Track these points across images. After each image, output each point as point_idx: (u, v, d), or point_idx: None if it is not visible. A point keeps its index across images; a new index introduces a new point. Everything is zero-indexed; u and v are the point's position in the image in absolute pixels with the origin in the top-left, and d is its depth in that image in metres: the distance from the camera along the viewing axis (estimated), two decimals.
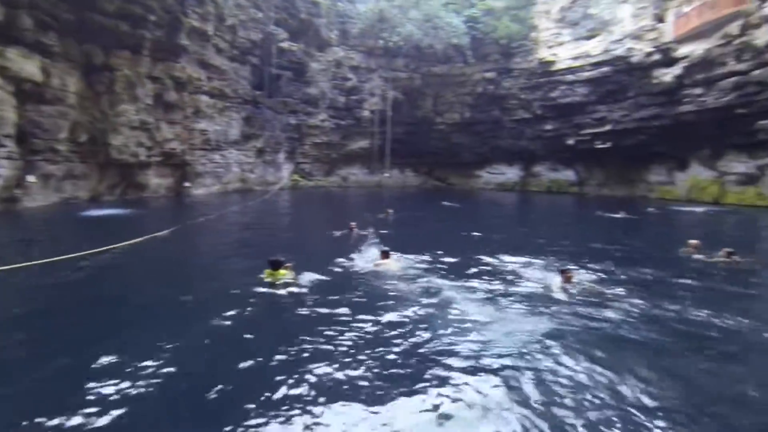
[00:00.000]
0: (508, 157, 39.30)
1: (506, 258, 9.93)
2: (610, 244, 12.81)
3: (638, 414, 3.80)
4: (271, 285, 7.21)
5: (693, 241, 10.99)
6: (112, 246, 9.76)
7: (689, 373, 4.71)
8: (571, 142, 34.38)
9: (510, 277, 8.37)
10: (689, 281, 8.60)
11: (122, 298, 7.04)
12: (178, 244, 11.62)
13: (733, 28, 23.37)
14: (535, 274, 8.57)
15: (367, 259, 9.36)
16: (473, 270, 8.88)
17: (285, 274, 7.40)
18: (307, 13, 31.79)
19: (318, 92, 33.51)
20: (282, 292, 7.05)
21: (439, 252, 10.31)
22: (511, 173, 40.16)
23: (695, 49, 25.62)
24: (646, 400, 4.02)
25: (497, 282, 8.01)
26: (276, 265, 7.40)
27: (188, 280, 8.60)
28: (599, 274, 8.75)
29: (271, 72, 30.81)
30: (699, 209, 23.98)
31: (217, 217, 16.22)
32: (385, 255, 8.85)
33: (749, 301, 7.90)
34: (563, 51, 32.47)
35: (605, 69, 30.48)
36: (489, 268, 9.21)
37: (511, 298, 7.03)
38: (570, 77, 32.45)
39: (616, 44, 29.52)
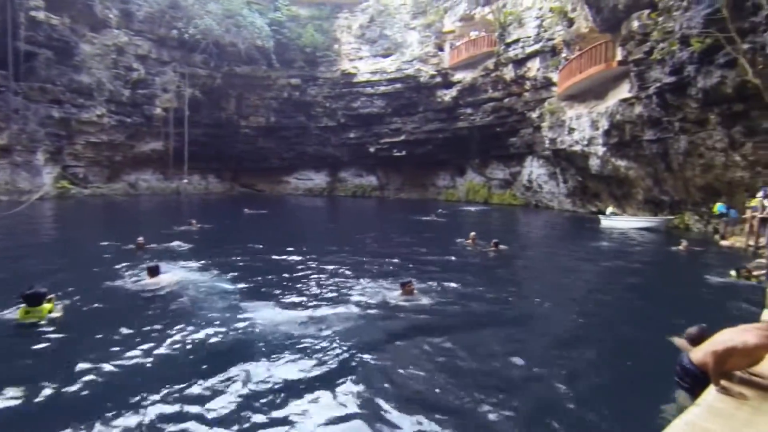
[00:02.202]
0: (316, 163, 40.18)
1: (328, 267, 9.81)
2: (420, 244, 14.21)
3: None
4: (30, 326, 5.39)
5: (472, 234, 13.11)
6: None
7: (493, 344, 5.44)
8: (372, 149, 37.32)
9: (337, 289, 8.15)
10: (473, 267, 10.13)
11: None
12: None
13: (490, 63, 29.06)
14: (367, 285, 8.17)
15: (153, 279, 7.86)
16: (289, 283, 8.46)
17: (47, 310, 5.62)
18: None
19: (92, 81, 27.58)
20: (46, 332, 5.32)
21: (249, 263, 9.56)
22: (318, 179, 41.16)
23: (465, 77, 30.92)
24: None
25: (313, 296, 7.70)
26: (33, 300, 5.55)
27: None
28: (423, 277, 9.49)
29: (19, 48, 24.03)
30: (474, 208, 29.04)
31: None
32: (152, 272, 7.41)
33: (515, 279, 9.82)
34: (363, 65, 34.97)
35: (398, 86, 34.11)
36: (303, 277, 8.94)
37: (343, 311, 6.53)
38: (369, 90, 35.19)
39: (407, 65, 33.32)
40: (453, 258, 11.23)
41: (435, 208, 26.52)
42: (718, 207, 15.52)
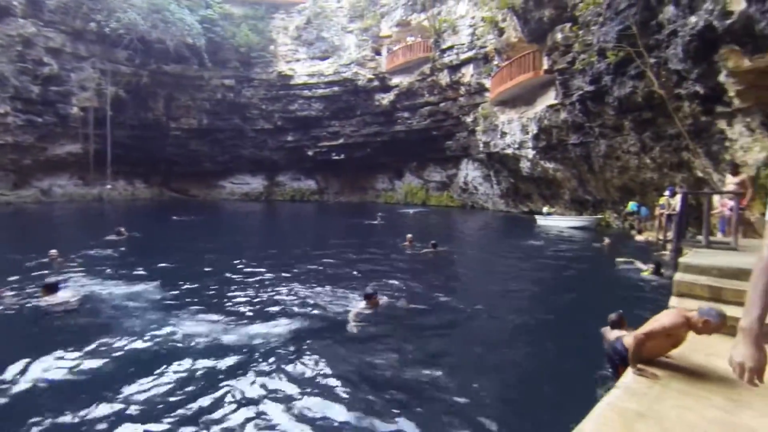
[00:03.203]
0: (252, 166, 38.84)
1: (267, 275, 9.43)
2: (360, 247, 14.13)
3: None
4: None
5: (409, 236, 13.27)
6: None
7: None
8: (310, 153, 36.78)
9: (270, 299, 7.82)
10: (412, 270, 10.23)
11: None
12: None
13: (426, 68, 29.75)
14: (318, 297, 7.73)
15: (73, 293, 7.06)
16: (224, 294, 8.02)
17: None
18: None
19: None
20: None
21: (181, 273, 8.96)
22: (255, 183, 39.83)
23: (403, 81, 31.41)
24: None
25: (250, 307, 7.40)
26: None
27: None
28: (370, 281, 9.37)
29: None
30: (412, 210, 29.50)
31: None
32: (48, 289, 6.48)
33: (453, 279, 10.05)
34: (300, 67, 34.37)
35: (336, 89, 33.90)
36: (237, 286, 8.53)
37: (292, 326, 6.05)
38: (307, 92, 34.66)
39: (344, 68, 33.22)
40: (392, 261, 11.29)
41: (375, 210, 26.61)
42: (630, 206, 17.15)
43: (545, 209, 22.28)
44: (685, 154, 13.38)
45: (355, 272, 9.70)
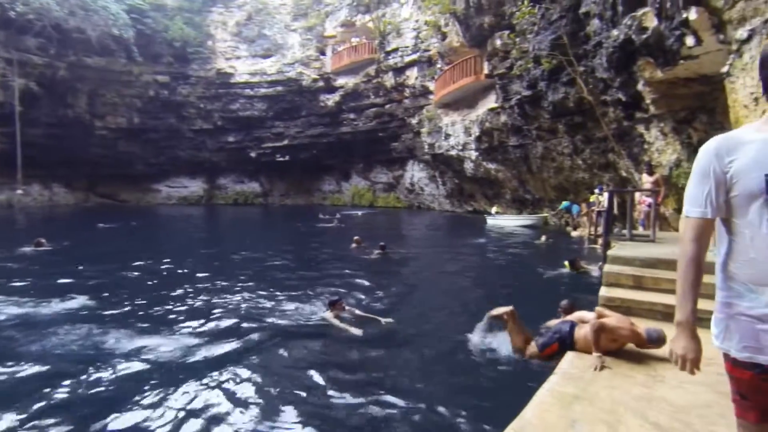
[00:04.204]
0: (191, 168, 36.90)
1: (210, 284, 9.00)
2: (309, 251, 13.87)
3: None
4: None
5: (356, 238, 13.25)
6: None
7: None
8: (253, 154, 35.64)
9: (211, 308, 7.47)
10: (363, 274, 10.19)
11: None
12: None
13: (371, 70, 29.89)
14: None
15: None
16: (165, 306, 7.55)
17: None
18: None
19: None
20: None
21: (111, 287, 8.34)
22: (194, 186, 37.90)
23: (348, 82, 31.33)
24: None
25: (193, 319, 7.01)
26: None
27: None
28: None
29: None
30: (360, 212, 29.47)
31: None
32: None
33: (397, 279, 10.10)
34: (241, 65, 33.22)
35: (280, 88, 33.13)
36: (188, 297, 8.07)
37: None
38: (249, 92, 33.55)
39: (288, 67, 32.55)
40: (341, 264, 11.19)
41: (323, 212, 26.30)
42: (563, 204, 18.26)
43: (494, 209, 22.87)
44: (611, 156, 14.45)
45: (301, 277, 9.48)
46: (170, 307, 7.01)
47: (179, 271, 9.91)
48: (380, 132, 31.83)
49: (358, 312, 6.41)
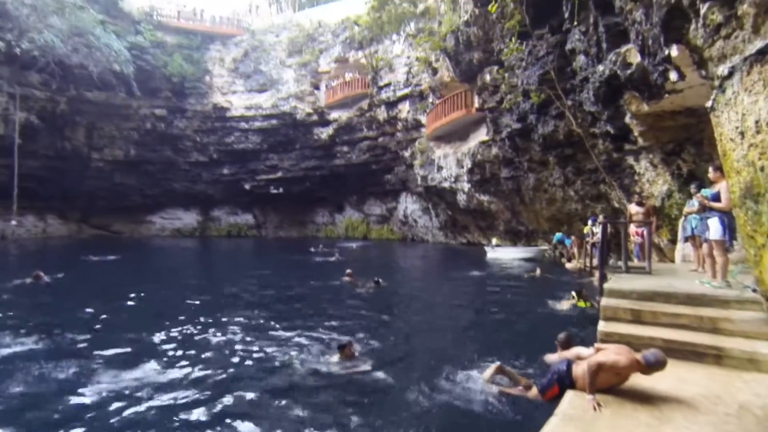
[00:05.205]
0: (185, 200, 36.86)
1: (210, 320, 8.75)
2: (305, 285, 13.61)
3: None
4: None
5: (348, 271, 13.11)
6: None
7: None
8: (247, 186, 35.75)
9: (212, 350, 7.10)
10: (357, 308, 10.00)
11: None
12: None
13: (364, 104, 30.49)
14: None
15: None
16: (167, 344, 7.31)
17: None
18: None
19: None
20: None
21: (106, 323, 8.10)
22: (188, 218, 37.75)
23: (341, 116, 31.87)
24: None
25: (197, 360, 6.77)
26: None
27: None
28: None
29: None
30: (354, 244, 29.30)
31: None
32: None
33: (394, 315, 9.91)
34: (237, 99, 33.78)
35: (275, 122, 33.58)
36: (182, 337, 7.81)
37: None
38: (244, 125, 33.96)
39: (283, 101, 33.12)
40: (333, 298, 10.99)
41: (316, 245, 26.09)
42: (556, 236, 18.28)
43: (494, 241, 22.28)
44: (603, 187, 14.59)
45: (295, 312, 9.28)
46: (163, 347, 6.71)
47: (172, 308, 9.54)
48: (373, 164, 32.15)
49: (368, 363, 5.87)
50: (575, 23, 11.05)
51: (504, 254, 20.64)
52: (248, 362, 6.08)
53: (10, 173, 26.25)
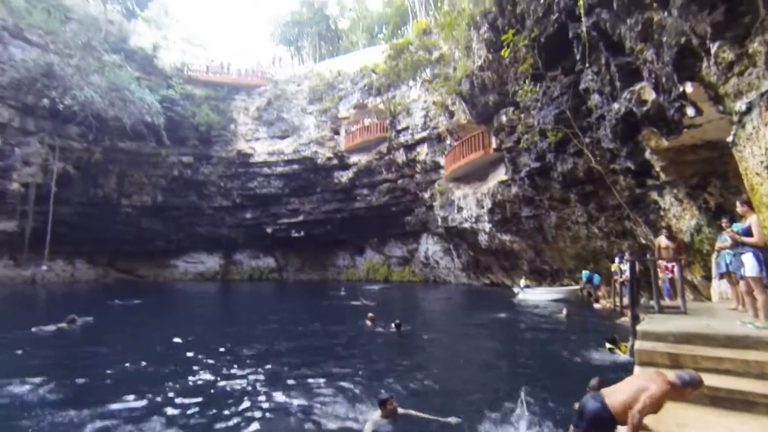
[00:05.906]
0: (208, 244, 37.59)
1: (241, 371, 8.64)
2: (328, 328, 13.42)
3: None
4: None
5: (370, 315, 12.95)
6: None
7: None
8: (269, 230, 36.29)
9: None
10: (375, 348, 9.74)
11: None
12: None
13: (383, 147, 31.13)
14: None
15: None
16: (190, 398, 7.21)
17: None
18: None
19: None
20: None
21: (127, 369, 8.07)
22: (211, 262, 38.31)
23: (361, 159, 32.52)
24: None
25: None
26: None
27: None
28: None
29: None
30: (376, 287, 28.99)
31: None
32: None
33: (415, 357, 9.64)
34: (260, 146, 35.01)
35: (296, 167, 34.50)
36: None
37: None
38: (266, 170, 34.98)
39: (304, 146, 34.15)
40: (355, 342, 10.77)
41: (338, 288, 25.95)
42: (584, 274, 17.68)
43: (522, 282, 21.53)
44: (628, 223, 14.24)
45: (318, 356, 9.04)
46: (185, 401, 6.37)
47: (196, 354, 9.30)
48: (393, 206, 32.35)
49: (413, 412, 5.47)
50: (587, 64, 11.23)
51: (535, 296, 19.75)
52: (278, 417, 5.71)
53: (45, 220, 27.49)
